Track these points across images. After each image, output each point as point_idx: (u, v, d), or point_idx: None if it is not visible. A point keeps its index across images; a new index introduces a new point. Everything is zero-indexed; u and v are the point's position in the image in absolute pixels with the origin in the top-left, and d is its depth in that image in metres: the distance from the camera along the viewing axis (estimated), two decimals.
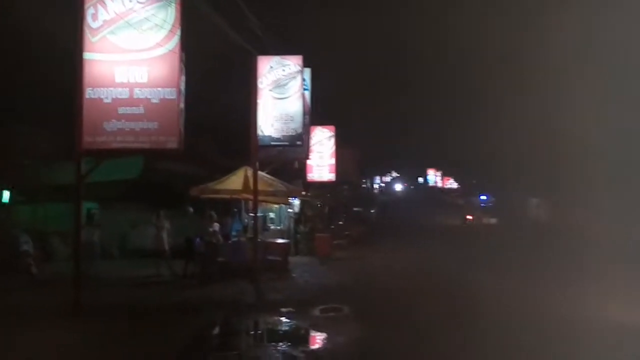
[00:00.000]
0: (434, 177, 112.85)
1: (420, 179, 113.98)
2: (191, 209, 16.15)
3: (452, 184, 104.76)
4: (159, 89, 10.38)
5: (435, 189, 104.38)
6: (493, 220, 45.34)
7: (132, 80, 10.43)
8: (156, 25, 10.44)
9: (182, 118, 10.48)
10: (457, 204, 65.65)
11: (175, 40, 10.44)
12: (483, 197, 61.45)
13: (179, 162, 17.71)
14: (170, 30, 10.43)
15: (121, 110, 10.39)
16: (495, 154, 42.94)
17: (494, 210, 51.06)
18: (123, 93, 10.42)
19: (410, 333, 9.41)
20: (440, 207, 62.48)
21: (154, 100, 10.37)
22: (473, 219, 48.32)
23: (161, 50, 10.43)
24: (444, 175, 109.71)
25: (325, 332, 9.61)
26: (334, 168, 25.75)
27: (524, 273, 16.04)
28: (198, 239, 15.08)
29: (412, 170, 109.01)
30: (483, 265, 18.10)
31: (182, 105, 10.46)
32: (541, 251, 20.39)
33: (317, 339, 9.51)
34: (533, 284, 14.13)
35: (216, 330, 10.16)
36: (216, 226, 15.28)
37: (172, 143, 10.33)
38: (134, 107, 10.38)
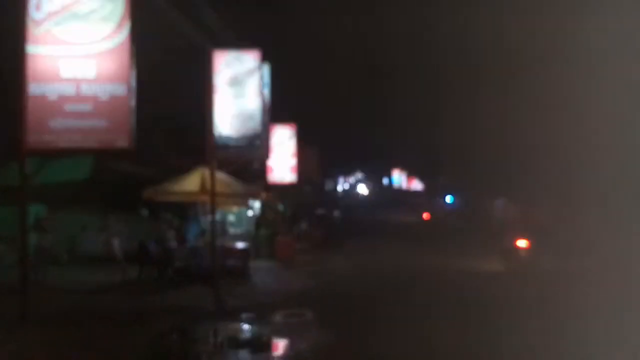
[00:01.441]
0: (399, 177, 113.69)
1: (385, 180, 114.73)
2: (146, 212, 15.54)
3: (417, 184, 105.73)
4: (108, 84, 9.87)
5: (400, 189, 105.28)
6: (460, 222, 45.74)
7: (79, 76, 9.89)
8: (104, 17, 9.93)
9: (133, 115, 9.97)
10: (422, 204, 66.34)
11: (124, 33, 9.93)
12: (448, 198, 62.06)
13: (132, 162, 17.03)
14: (119, 23, 9.92)
15: (68, 107, 9.87)
16: (462, 155, 43.45)
17: (460, 210, 51.74)
18: (69, 89, 9.88)
19: (372, 336, 9.30)
20: (404, 207, 63.38)
21: (103, 97, 9.86)
22: (430, 216, 51.13)
23: (110, 44, 9.92)
24: (409, 175, 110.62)
25: (287, 338, 9.49)
26: (295, 168, 25.36)
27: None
28: (153, 243, 14.53)
29: (378, 171, 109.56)
30: (441, 264, 19.71)
31: (132, 102, 9.95)
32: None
33: (279, 345, 9.36)
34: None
35: (173, 338, 9.82)
36: (172, 233, 14.80)
37: (123, 142, 9.84)
38: (82, 104, 9.86)
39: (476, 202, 47.45)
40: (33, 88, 9.85)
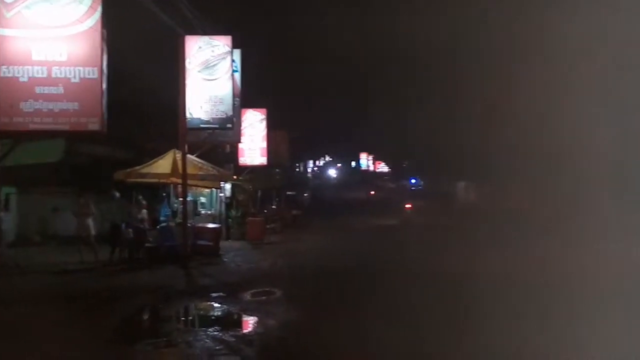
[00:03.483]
0: (366, 161, 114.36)
1: (353, 163, 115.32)
2: (117, 194, 15.61)
3: (383, 167, 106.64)
4: (79, 68, 9.99)
5: (367, 172, 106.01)
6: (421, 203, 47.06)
7: (50, 59, 9.99)
8: (75, 0, 9.98)
9: (104, 99, 10.11)
10: (388, 187, 67.86)
11: (96, 16, 10.04)
12: (413, 181, 63.14)
13: (104, 144, 17.08)
14: (91, 6, 10.04)
15: (39, 89, 9.95)
16: (426, 139, 44.26)
17: (424, 192, 52.93)
18: (40, 72, 9.98)
19: (340, 312, 9.51)
20: (369, 188, 64.92)
21: (74, 80, 9.98)
22: (374, 193, 60.76)
23: (81, 27, 10.03)
24: (375, 159, 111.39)
25: (257, 316, 9.54)
26: (265, 151, 25.57)
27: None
28: (124, 225, 14.66)
29: (345, 154, 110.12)
30: (402, 242, 21.35)
31: (104, 85, 10.08)
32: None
33: (248, 323, 9.44)
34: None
35: (144, 317, 9.94)
36: (144, 213, 14.92)
37: (94, 125, 9.97)
38: (53, 87, 9.96)
39: (438, 185, 49.00)
40: (3, 70, 9.92)
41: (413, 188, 60.43)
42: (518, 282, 11.14)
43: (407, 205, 35.38)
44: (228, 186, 22.98)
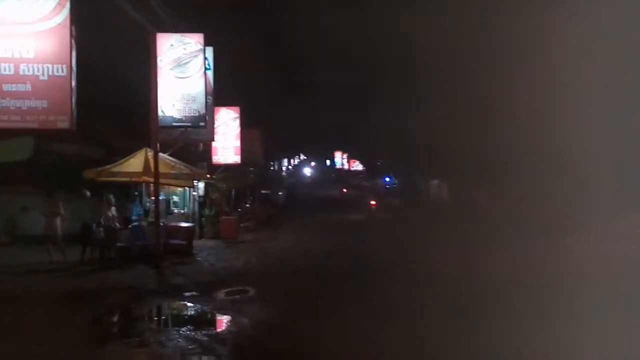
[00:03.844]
0: (340, 159, 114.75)
1: (328, 162, 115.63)
2: (88, 193, 15.39)
3: (357, 166, 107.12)
4: (48, 65, 9.83)
5: (342, 171, 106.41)
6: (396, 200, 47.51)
7: (17, 55, 9.82)
8: None
9: (74, 96, 9.96)
10: (363, 185, 68.61)
11: (64, 13, 9.89)
12: (387, 179, 63.62)
13: (74, 143, 16.84)
14: (59, 3, 9.88)
15: (6, 87, 9.79)
16: (400, 138, 44.54)
17: (398, 190, 53.54)
18: (7, 69, 9.81)
19: (313, 310, 9.50)
20: (342, 186, 65.71)
21: (43, 77, 9.82)
22: (347, 191, 63.12)
23: (49, 24, 9.87)
24: (350, 158, 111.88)
25: (230, 315, 9.54)
26: (239, 150, 25.46)
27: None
28: (95, 224, 14.47)
29: (320, 153, 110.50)
30: (376, 241, 21.26)
31: (73, 82, 9.93)
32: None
33: (222, 322, 9.43)
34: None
35: (116, 317, 9.81)
36: (113, 210, 14.74)
37: (63, 123, 9.82)
38: (20, 84, 9.79)
39: (412, 183, 49.71)
40: None
41: (387, 186, 60.83)
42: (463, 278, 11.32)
43: (372, 202, 37.52)
44: (201, 185, 22.86)
